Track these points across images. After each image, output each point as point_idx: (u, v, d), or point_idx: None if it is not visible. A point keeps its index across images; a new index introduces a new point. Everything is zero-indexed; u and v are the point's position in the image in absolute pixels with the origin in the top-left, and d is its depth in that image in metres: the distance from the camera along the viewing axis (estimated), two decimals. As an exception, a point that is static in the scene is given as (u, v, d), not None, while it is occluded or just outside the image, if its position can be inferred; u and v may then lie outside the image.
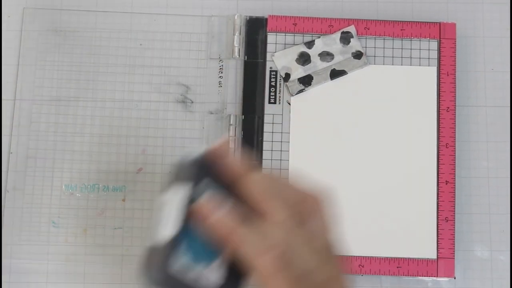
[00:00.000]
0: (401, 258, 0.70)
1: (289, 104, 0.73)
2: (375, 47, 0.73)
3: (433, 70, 0.73)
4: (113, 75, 0.74)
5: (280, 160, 0.72)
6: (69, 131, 0.73)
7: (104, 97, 0.73)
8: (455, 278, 0.70)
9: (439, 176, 0.71)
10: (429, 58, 0.73)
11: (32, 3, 0.75)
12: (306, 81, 0.73)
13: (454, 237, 0.70)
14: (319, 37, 0.74)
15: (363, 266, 0.70)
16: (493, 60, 0.75)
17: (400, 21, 0.74)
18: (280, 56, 0.73)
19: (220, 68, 0.74)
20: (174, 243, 0.49)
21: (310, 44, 0.73)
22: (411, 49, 0.73)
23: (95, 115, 0.73)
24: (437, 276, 0.70)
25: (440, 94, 0.73)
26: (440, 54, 0.73)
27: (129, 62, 0.74)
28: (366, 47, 0.73)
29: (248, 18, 0.74)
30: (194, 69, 0.74)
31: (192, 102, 0.73)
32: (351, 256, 0.70)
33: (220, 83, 0.74)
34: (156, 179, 0.72)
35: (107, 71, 0.74)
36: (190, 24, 0.75)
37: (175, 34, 0.75)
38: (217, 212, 0.50)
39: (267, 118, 0.73)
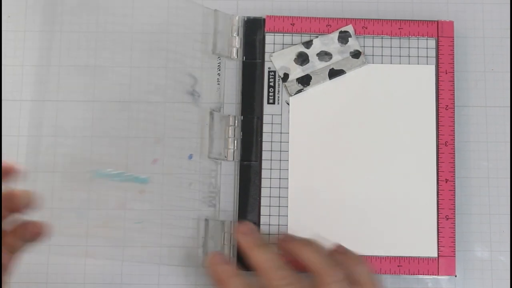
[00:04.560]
0: (401, 256, 0.70)
1: (288, 104, 0.73)
2: (373, 46, 0.74)
3: (432, 68, 0.73)
4: (114, 73, 0.74)
5: (280, 160, 0.72)
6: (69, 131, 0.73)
7: (104, 97, 0.73)
8: (456, 276, 0.70)
9: (439, 174, 0.71)
10: (427, 57, 0.73)
11: (32, 3, 0.76)
12: (305, 81, 0.73)
13: (454, 235, 0.70)
14: (317, 37, 0.74)
15: (363, 265, 0.70)
16: (493, 60, 0.75)
17: (398, 19, 0.74)
18: (278, 56, 0.73)
19: (218, 68, 0.74)
20: None
21: (308, 44, 0.74)
22: (409, 47, 0.73)
23: (95, 116, 0.73)
24: (438, 274, 0.70)
25: (439, 92, 0.73)
26: (438, 52, 0.73)
27: (130, 59, 0.74)
28: (364, 46, 0.74)
29: (246, 18, 0.74)
30: (193, 69, 0.74)
31: (199, 95, 0.73)
32: (351, 255, 0.70)
33: (218, 81, 0.74)
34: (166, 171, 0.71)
35: (107, 70, 0.74)
36: (190, 23, 0.75)
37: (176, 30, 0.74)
38: None
39: (266, 119, 0.73)
